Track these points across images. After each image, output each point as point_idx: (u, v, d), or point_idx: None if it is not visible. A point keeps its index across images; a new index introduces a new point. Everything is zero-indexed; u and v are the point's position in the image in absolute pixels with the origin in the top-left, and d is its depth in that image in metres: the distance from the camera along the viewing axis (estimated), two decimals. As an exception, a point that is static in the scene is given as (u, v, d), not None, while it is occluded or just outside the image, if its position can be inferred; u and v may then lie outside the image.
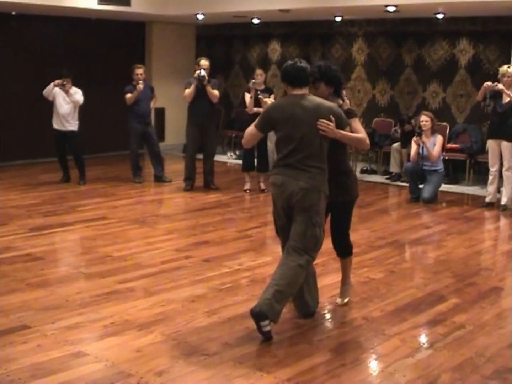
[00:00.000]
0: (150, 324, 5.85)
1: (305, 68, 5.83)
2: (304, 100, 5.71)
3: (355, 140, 5.94)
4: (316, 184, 5.66)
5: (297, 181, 5.64)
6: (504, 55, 12.74)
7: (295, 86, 5.79)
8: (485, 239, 9.67)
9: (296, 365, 5.11)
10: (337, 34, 15.54)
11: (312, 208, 5.67)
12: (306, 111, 5.66)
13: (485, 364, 5.26)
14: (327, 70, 6.04)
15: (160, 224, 9.73)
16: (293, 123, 5.68)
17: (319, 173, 5.69)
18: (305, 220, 5.68)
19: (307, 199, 5.64)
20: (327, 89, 6.00)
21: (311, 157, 5.66)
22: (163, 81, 16.47)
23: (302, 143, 5.66)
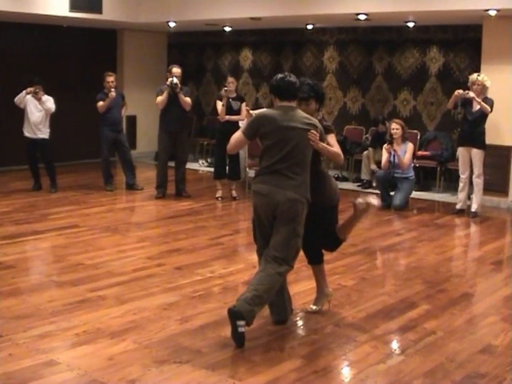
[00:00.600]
0: (122, 332, 5.83)
1: (295, 83, 5.94)
2: (294, 112, 5.87)
3: (333, 154, 6.11)
4: (302, 194, 5.77)
5: (284, 191, 5.71)
6: (473, 63, 12.86)
7: (284, 99, 5.90)
8: (455, 245, 9.74)
9: (268, 372, 5.12)
10: (309, 42, 15.60)
11: (296, 218, 5.75)
12: (297, 122, 5.80)
13: (456, 370, 5.29)
14: (318, 87, 6.30)
15: (132, 232, 9.72)
16: (285, 133, 5.77)
17: (304, 182, 5.80)
18: (289, 230, 5.74)
19: (293, 210, 5.72)
20: (316, 105, 6.24)
21: (299, 165, 5.78)
22: (135, 88, 16.44)
23: (293, 152, 5.76)
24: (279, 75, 6.01)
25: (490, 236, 10.05)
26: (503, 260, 8.94)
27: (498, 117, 11.13)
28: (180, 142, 11.97)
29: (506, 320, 6.47)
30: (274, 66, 16.25)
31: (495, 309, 6.91)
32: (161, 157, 12.11)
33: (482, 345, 5.82)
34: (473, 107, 10.89)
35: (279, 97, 5.93)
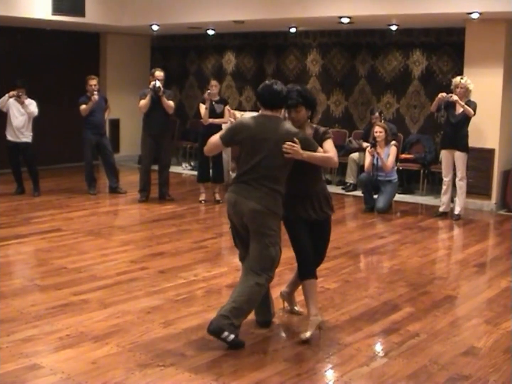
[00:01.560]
0: (106, 336, 5.81)
1: (279, 92, 5.79)
2: (273, 123, 5.75)
3: (321, 159, 5.85)
4: (266, 205, 5.66)
5: (248, 201, 5.67)
6: (456, 67, 12.92)
7: (267, 107, 5.80)
8: (438, 248, 9.77)
9: (251, 375, 5.12)
10: (292, 45, 15.62)
11: (261, 230, 5.70)
12: (273, 133, 5.68)
13: (439, 372, 5.31)
14: (308, 93, 6.06)
15: (115, 235, 9.69)
16: (258, 143, 5.69)
17: (271, 194, 5.68)
18: (259, 241, 5.71)
19: (257, 220, 5.69)
20: (307, 112, 6.01)
21: (268, 178, 5.67)
22: (118, 92, 16.41)
23: (261, 163, 5.67)
24: (266, 82, 5.91)
25: (473, 238, 10.09)
26: (486, 262, 8.97)
27: (481, 120, 11.18)
28: (163, 145, 11.95)
29: (489, 322, 6.50)
30: (257, 70, 16.26)
31: (478, 311, 6.94)
32: (144, 161, 12.09)
33: (465, 347, 5.84)
34: (456, 110, 10.93)
35: (262, 105, 5.85)
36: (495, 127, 11.68)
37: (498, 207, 11.96)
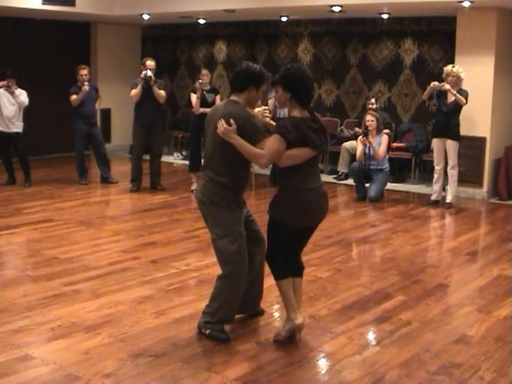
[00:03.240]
0: (98, 326, 5.81)
1: (239, 72, 5.56)
2: (223, 106, 5.58)
3: (247, 152, 5.33)
4: (206, 195, 5.52)
5: (198, 192, 5.66)
6: (448, 55, 12.92)
7: (231, 90, 5.64)
8: (430, 236, 9.77)
9: (243, 364, 5.13)
10: (283, 34, 15.58)
11: (207, 220, 5.63)
12: (214, 116, 5.50)
13: (431, 360, 5.32)
14: (286, 72, 5.45)
15: (107, 225, 9.67)
16: (206, 128, 5.63)
17: (211, 183, 5.51)
18: (210, 234, 5.64)
19: (201, 210, 5.63)
20: (284, 94, 5.44)
21: (209, 167, 5.57)
22: (109, 82, 16.36)
23: (208, 149, 5.62)
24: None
25: (465, 227, 10.10)
26: (478, 250, 9.00)
27: (473, 108, 11.18)
28: (154, 135, 11.94)
29: (481, 310, 6.51)
30: (249, 59, 16.17)
31: (470, 299, 6.95)
32: (136, 150, 12.07)
33: (457, 335, 5.86)
34: (447, 99, 10.93)
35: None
36: (487, 116, 11.68)
37: (489, 195, 11.98)
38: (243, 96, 5.50)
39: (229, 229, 5.49)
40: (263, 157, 5.28)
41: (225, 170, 5.45)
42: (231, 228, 5.50)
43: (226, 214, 5.50)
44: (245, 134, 5.30)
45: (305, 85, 5.48)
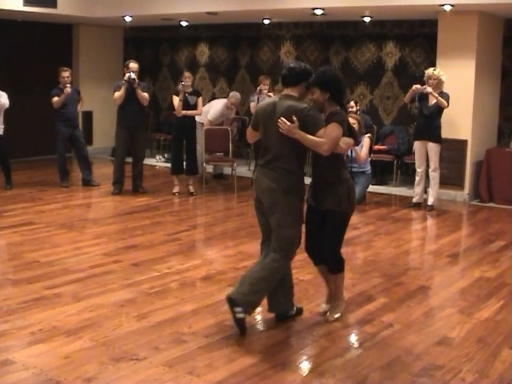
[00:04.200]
0: (79, 330, 5.78)
1: (293, 68, 5.91)
2: (280, 100, 5.85)
3: (309, 143, 5.73)
4: (281, 184, 5.75)
5: (264, 179, 5.83)
6: (429, 58, 12.97)
7: (283, 85, 5.98)
8: (412, 239, 9.80)
9: (226, 367, 5.11)
10: (265, 37, 15.60)
11: (276, 208, 5.79)
12: (276, 111, 5.78)
13: (413, 362, 5.33)
14: (323, 76, 5.93)
15: (89, 228, 9.63)
16: (266, 122, 5.86)
17: (285, 173, 5.77)
18: (275, 220, 5.80)
19: (271, 198, 5.80)
20: (322, 95, 5.88)
21: (278, 158, 5.78)
22: (91, 84, 16.32)
23: (271, 143, 5.82)
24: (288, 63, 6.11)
25: (446, 229, 10.13)
26: (459, 252, 9.03)
27: (454, 111, 11.22)
28: (137, 137, 11.92)
29: (462, 312, 6.54)
30: (231, 61, 16.24)
31: (452, 301, 6.98)
32: (119, 153, 12.04)
33: (438, 337, 5.87)
34: (429, 102, 10.97)
35: (282, 84, 6.04)
36: (468, 118, 11.73)
37: (471, 197, 12.03)
38: (296, 90, 5.87)
39: (298, 218, 5.87)
40: (324, 144, 5.70)
41: (295, 160, 5.81)
42: (299, 217, 5.89)
43: (298, 203, 5.85)
44: (307, 126, 5.68)
45: (340, 85, 6.06)
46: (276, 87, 13.36)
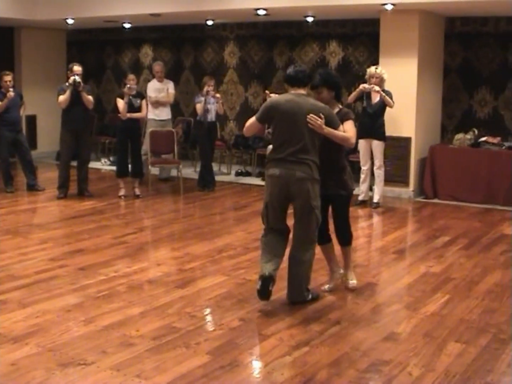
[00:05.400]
0: (25, 336, 5.71)
1: (304, 70, 6.58)
2: (300, 99, 6.39)
3: (340, 138, 6.41)
4: (308, 173, 6.30)
5: (294, 172, 6.30)
6: (372, 57, 13.09)
7: (293, 85, 6.50)
8: (358, 236, 9.83)
9: (174, 369, 5.10)
10: (209, 38, 15.60)
11: (304, 194, 6.32)
12: (300, 108, 6.29)
13: (360, 358, 5.37)
14: (328, 76, 6.73)
15: (34, 233, 9.53)
16: (289, 118, 6.32)
17: (309, 163, 6.31)
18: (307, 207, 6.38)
19: (298, 187, 6.33)
20: (329, 93, 6.65)
21: (303, 151, 6.29)
22: (34, 88, 16.15)
23: (295, 137, 6.29)
24: (292, 66, 6.66)
25: (392, 226, 10.24)
26: (405, 249, 9.13)
27: (398, 109, 11.32)
28: (83, 141, 11.83)
29: (408, 308, 6.61)
30: (175, 63, 16.21)
31: (398, 297, 7.06)
32: (64, 157, 11.93)
33: (385, 333, 5.93)
34: (372, 100, 11.07)
35: (290, 84, 6.54)
36: (411, 116, 11.86)
37: (415, 194, 12.17)
38: (305, 90, 6.53)
39: (319, 201, 6.45)
40: (351, 138, 6.48)
41: (315, 153, 6.38)
42: (319, 201, 6.45)
43: (318, 188, 6.43)
44: (330, 122, 6.32)
45: (341, 84, 6.96)
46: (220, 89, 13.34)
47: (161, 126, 12.96)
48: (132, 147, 11.78)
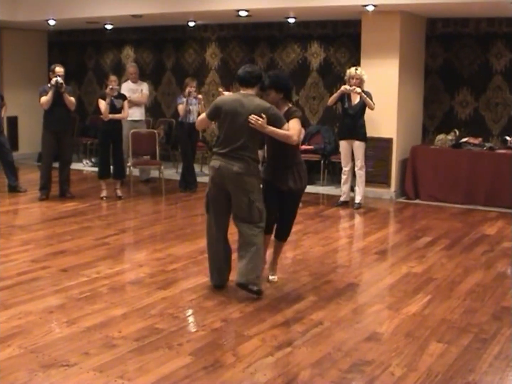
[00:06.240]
0: (7, 338, 5.69)
1: (252, 71, 6.83)
2: (246, 99, 6.68)
3: (280, 136, 6.68)
4: (245, 168, 6.63)
5: (231, 166, 6.63)
6: (354, 58, 13.12)
7: (242, 85, 6.81)
8: (340, 237, 9.90)
9: (156, 370, 5.09)
10: (191, 39, 15.60)
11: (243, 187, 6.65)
12: (243, 108, 6.61)
13: (343, 359, 5.39)
14: (277, 78, 7.00)
15: (16, 235, 9.48)
16: (232, 116, 6.65)
17: (248, 160, 6.67)
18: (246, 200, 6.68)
19: (237, 181, 6.65)
20: (277, 95, 6.91)
21: (242, 148, 6.64)
22: (15, 89, 16.10)
23: (236, 135, 6.64)
24: (243, 66, 6.95)
25: (373, 226, 10.27)
26: (387, 249, 9.17)
27: (379, 110, 11.37)
28: (64, 142, 11.79)
29: (390, 308, 6.64)
30: (156, 64, 16.19)
31: (380, 297, 7.08)
32: (45, 158, 11.88)
33: (368, 333, 5.95)
34: (352, 101, 11.11)
35: (239, 84, 6.86)
36: (393, 117, 11.91)
37: (397, 195, 12.22)
38: (254, 91, 6.81)
39: (261, 195, 6.80)
40: (294, 136, 6.71)
41: (255, 149, 6.79)
42: (260, 193, 6.80)
43: (259, 183, 6.85)
44: (272, 122, 6.62)
45: (290, 85, 7.23)
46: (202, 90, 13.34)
47: (134, 127, 12.90)
48: (113, 149, 11.76)
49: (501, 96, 12.38)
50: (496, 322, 6.26)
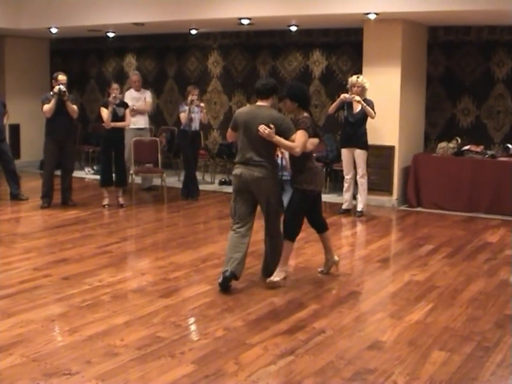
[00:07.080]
0: (9, 346, 5.68)
1: (266, 84, 7.38)
2: (259, 110, 7.27)
3: (284, 146, 7.30)
4: (265, 173, 7.24)
5: (253, 172, 7.22)
6: (356, 66, 13.13)
7: (258, 97, 7.40)
8: (342, 245, 9.88)
9: (159, 379, 5.08)
10: (193, 47, 15.62)
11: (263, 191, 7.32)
12: (256, 118, 7.16)
13: (345, 367, 5.37)
14: (291, 88, 7.51)
15: (18, 243, 9.48)
16: (246, 127, 7.20)
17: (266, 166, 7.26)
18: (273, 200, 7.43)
19: (259, 185, 7.27)
20: (292, 104, 7.40)
21: (257, 155, 7.20)
22: (18, 97, 16.11)
23: (250, 143, 7.19)
24: (261, 79, 7.76)
25: (376, 234, 10.26)
26: (389, 257, 9.15)
27: (381, 118, 11.37)
28: (67, 150, 11.79)
29: (393, 316, 6.62)
30: (159, 72, 16.21)
31: (382, 305, 7.07)
32: (48, 166, 11.88)
33: (370, 341, 5.94)
34: (353, 109, 11.11)
35: (256, 96, 7.44)
36: (395, 125, 11.91)
37: (399, 202, 12.21)
38: (269, 102, 7.36)
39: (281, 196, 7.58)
40: (297, 147, 7.17)
41: (270, 155, 7.37)
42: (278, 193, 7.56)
43: (275, 184, 7.49)
44: (282, 132, 7.14)
45: (306, 95, 7.68)
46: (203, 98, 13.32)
47: (139, 135, 12.93)
48: (115, 156, 11.76)
49: (503, 104, 12.39)
50: (498, 330, 6.25)
